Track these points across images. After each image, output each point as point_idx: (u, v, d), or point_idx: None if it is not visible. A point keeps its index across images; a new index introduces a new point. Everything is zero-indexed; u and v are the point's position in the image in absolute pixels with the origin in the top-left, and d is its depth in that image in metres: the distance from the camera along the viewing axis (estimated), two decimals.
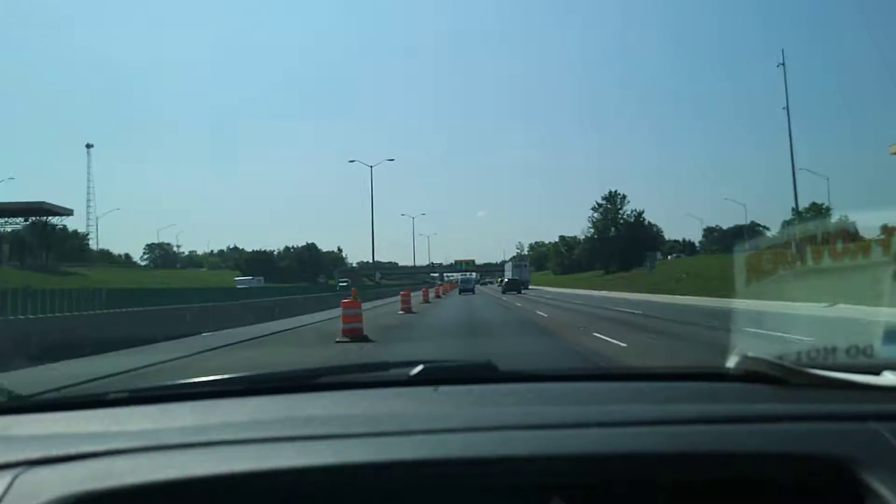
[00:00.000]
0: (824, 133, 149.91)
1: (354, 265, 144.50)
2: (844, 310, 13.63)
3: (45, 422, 1.37)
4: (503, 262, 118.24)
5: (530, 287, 72.98)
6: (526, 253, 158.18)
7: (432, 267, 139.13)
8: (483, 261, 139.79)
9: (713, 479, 1.13)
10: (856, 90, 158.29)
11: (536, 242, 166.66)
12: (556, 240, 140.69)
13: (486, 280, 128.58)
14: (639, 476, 1.13)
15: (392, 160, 60.17)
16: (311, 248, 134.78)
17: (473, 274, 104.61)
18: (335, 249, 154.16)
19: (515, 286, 61.05)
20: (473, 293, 57.09)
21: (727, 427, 1.20)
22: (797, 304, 15.79)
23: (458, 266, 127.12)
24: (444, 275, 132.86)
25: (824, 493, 1.09)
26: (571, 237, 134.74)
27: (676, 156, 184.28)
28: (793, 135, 38.40)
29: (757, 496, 1.12)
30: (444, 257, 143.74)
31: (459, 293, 57.42)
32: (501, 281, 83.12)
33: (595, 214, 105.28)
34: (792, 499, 1.11)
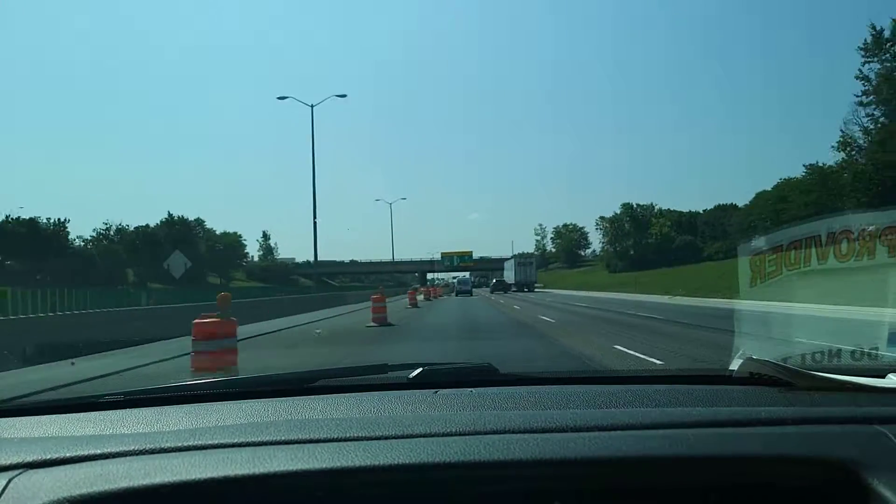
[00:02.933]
0: None
1: (297, 260, 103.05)
2: None
3: (40, 424, 1.37)
4: (504, 260, 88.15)
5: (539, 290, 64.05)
6: (550, 240, 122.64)
7: (413, 264, 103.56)
8: (486, 254, 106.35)
9: (717, 484, 1.11)
10: None
11: (565, 226, 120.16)
12: (606, 217, 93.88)
13: (482, 281, 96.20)
14: (641, 480, 1.11)
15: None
16: (174, 224, 76.56)
17: (468, 273, 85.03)
18: (237, 233, 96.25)
19: (503, 287, 62.82)
20: (471, 294, 58.50)
21: (731, 430, 1.18)
22: None
23: (448, 261, 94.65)
24: (430, 275, 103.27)
25: (829, 497, 1.07)
26: (644, 205, 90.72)
27: None
28: None
29: (762, 500, 1.11)
30: (437, 254, 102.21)
31: (456, 294, 59.08)
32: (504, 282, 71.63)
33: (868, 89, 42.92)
34: (797, 502, 1.10)
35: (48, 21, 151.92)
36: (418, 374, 1.68)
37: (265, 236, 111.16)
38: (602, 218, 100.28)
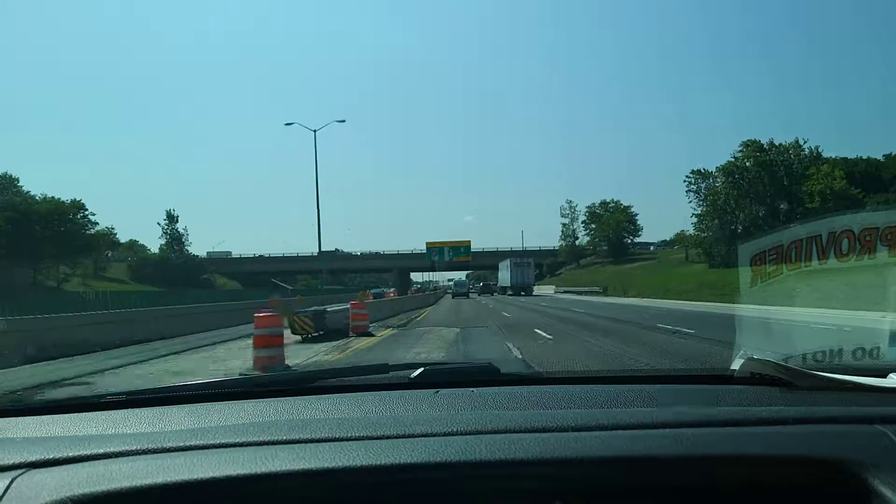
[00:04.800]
0: None
1: (235, 254, 79.53)
2: None
3: (43, 424, 1.37)
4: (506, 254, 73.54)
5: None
6: (581, 221, 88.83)
7: (387, 258, 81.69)
8: (491, 246, 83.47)
9: (718, 484, 1.11)
10: None
11: (604, 203, 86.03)
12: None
13: (472, 284, 76.88)
14: (642, 480, 1.11)
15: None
16: None
17: (465, 275, 76.31)
18: (78, 200, 56.90)
19: (488, 290, 65.78)
20: (467, 297, 57.10)
21: (732, 430, 1.18)
22: None
23: (437, 255, 71.92)
24: (421, 276, 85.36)
25: (830, 497, 1.07)
26: (785, 145, 49.58)
27: None
28: None
29: (762, 499, 1.11)
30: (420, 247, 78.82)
31: (452, 297, 57.83)
32: (499, 284, 67.27)
33: None
34: (798, 502, 1.10)
35: None
36: (419, 374, 1.68)
37: (170, 218, 72.12)
38: (697, 173, 57.80)
